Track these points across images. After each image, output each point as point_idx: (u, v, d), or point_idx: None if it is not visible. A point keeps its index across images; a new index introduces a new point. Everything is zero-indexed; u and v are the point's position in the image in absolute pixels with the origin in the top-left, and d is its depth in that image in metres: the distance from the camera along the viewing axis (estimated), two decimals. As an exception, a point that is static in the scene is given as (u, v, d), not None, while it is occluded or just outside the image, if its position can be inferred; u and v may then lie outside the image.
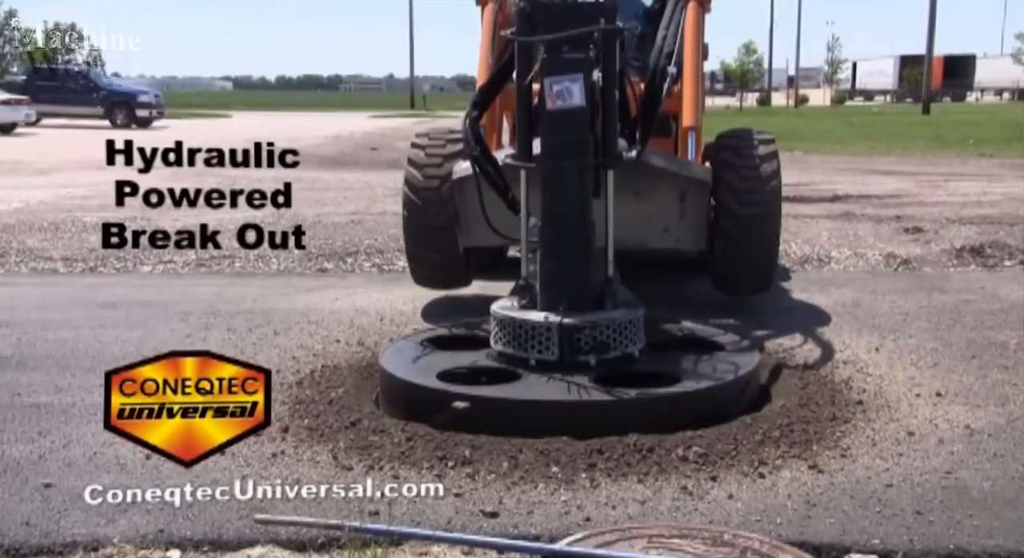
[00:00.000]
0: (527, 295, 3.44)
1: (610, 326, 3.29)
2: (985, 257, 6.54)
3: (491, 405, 3.01)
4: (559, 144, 3.36)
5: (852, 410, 3.23)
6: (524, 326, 3.30)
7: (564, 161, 3.35)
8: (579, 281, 3.39)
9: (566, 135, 3.34)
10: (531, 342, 3.28)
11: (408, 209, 4.48)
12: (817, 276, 5.97)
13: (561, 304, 3.31)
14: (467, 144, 3.67)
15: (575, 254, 3.38)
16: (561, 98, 3.27)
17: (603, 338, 3.28)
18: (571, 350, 3.25)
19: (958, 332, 4.38)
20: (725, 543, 2.26)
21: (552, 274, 3.39)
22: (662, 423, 2.93)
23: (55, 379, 3.66)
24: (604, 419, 2.97)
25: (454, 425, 2.92)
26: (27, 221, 8.53)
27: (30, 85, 29.08)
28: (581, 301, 3.34)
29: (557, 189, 3.40)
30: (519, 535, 2.36)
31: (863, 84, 71.34)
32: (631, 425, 2.91)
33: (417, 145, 4.52)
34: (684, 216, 4.23)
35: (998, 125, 24.54)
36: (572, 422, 2.93)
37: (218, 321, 4.64)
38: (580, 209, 3.39)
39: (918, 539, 2.33)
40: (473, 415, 2.93)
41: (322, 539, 2.32)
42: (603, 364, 3.25)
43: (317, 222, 8.55)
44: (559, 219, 3.39)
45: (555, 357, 3.25)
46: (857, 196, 10.44)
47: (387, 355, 3.50)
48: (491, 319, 3.43)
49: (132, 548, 2.32)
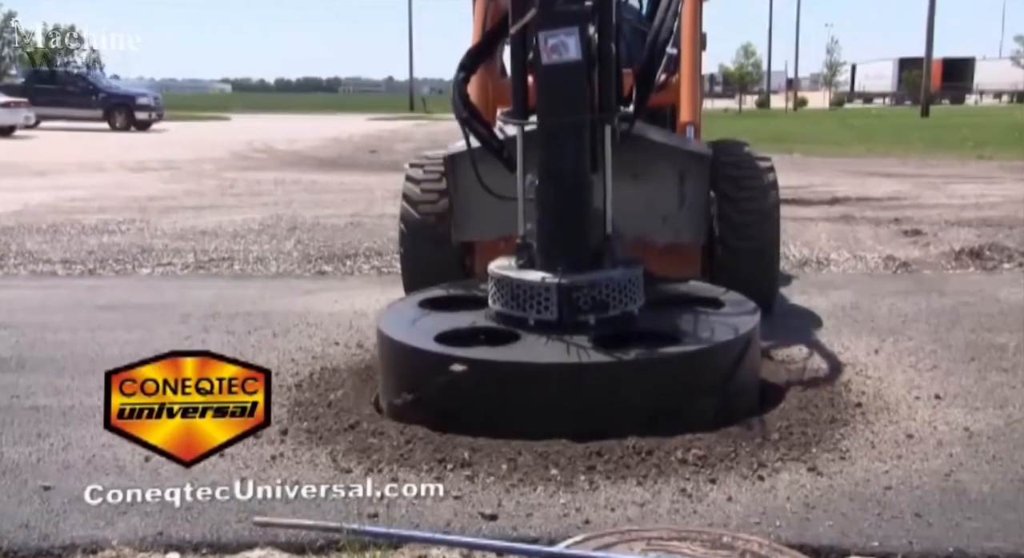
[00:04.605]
0: (525, 254, 3.38)
1: (609, 285, 3.24)
2: (984, 260, 6.54)
3: (489, 368, 2.98)
4: (555, 100, 3.27)
5: (851, 412, 3.23)
6: (522, 286, 3.25)
7: (560, 117, 3.26)
8: (577, 240, 3.32)
9: (562, 90, 3.25)
10: (530, 302, 3.23)
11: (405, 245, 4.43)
12: (816, 278, 5.97)
13: (559, 263, 3.25)
14: (455, 106, 3.59)
15: (573, 212, 3.31)
16: (556, 52, 3.18)
17: (602, 297, 3.22)
18: (570, 310, 3.19)
19: (957, 334, 4.38)
20: (724, 545, 2.25)
21: (550, 233, 3.32)
22: (664, 383, 2.95)
23: (54, 381, 3.66)
24: (604, 380, 2.96)
25: (453, 388, 2.91)
26: (26, 223, 8.54)
27: (29, 87, 29.12)
28: (579, 260, 3.28)
29: (554, 146, 3.32)
30: (518, 537, 2.36)
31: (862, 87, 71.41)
32: (631, 386, 2.92)
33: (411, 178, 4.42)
34: (684, 203, 4.09)
35: (997, 128, 24.56)
36: (572, 384, 2.94)
37: (217, 323, 4.64)
38: (577, 166, 3.31)
39: (917, 541, 2.33)
40: (472, 378, 2.91)
41: (321, 541, 2.32)
42: (603, 323, 3.20)
43: (316, 224, 8.56)
44: (556, 177, 3.31)
45: (554, 317, 3.20)
46: (856, 198, 10.45)
47: (385, 317, 3.47)
48: (489, 278, 3.38)
49: (131, 550, 2.32)
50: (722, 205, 4.20)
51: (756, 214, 4.22)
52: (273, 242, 7.58)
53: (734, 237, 4.18)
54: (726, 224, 4.19)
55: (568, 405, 2.93)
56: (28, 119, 25.87)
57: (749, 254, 4.18)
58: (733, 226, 4.18)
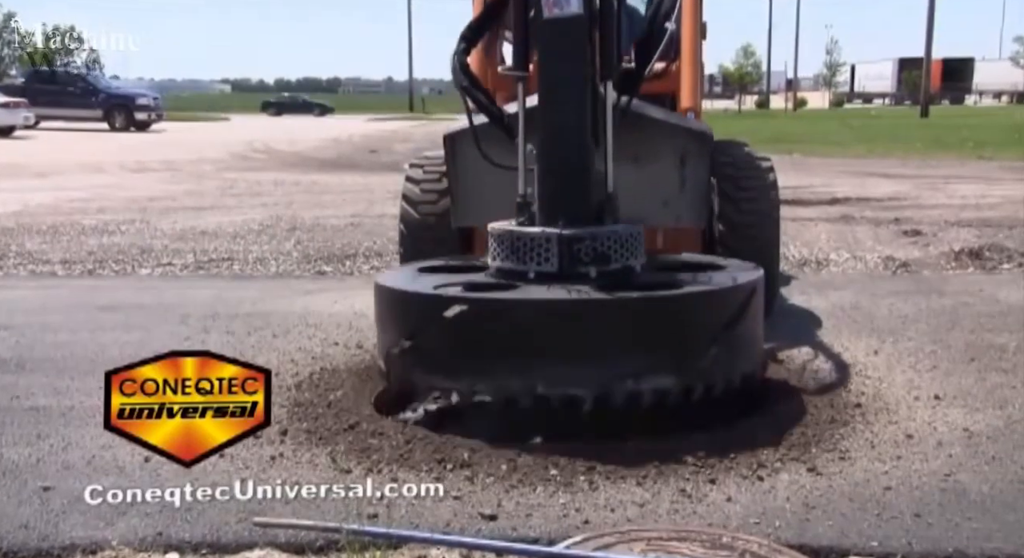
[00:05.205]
0: (525, 212, 3.34)
1: (611, 237, 3.20)
2: (984, 260, 6.55)
3: (488, 306, 2.96)
4: (557, 54, 3.23)
5: (851, 413, 3.23)
6: (523, 238, 3.21)
7: (562, 72, 3.23)
8: (578, 196, 3.28)
9: (564, 45, 3.22)
10: (530, 254, 3.19)
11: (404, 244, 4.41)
12: (816, 279, 5.98)
13: (560, 220, 3.22)
14: (455, 75, 3.54)
15: (574, 170, 3.28)
16: (558, 6, 3.15)
17: (604, 249, 3.19)
18: (571, 261, 3.15)
19: (957, 335, 4.38)
20: (724, 546, 2.25)
21: (551, 190, 3.29)
22: (670, 322, 2.95)
23: (54, 382, 3.66)
24: (605, 318, 2.95)
25: (453, 330, 2.88)
26: (26, 224, 8.54)
27: (29, 88, 29.13)
28: (580, 217, 3.24)
29: (554, 101, 3.27)
30: (518, 538, 2.35)
31: (862, 87, 71.52)
32: (635, 324, 2.91)
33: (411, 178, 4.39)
34: (684, 186, 4.04)
35: (997, 128, 24.59)
36: (573, 321, 2.92)
37: (217, 324, 4.64)
38: (578, 123, 3.27)
39: (917, 542, 2.33)
40: (471, 318, 2.88)
41: (320, 542, 2.32)
42: (604, 276, 3.16)
43: (316, 225, 8.56)
44: (557, 133, 3.28)
45: (555, 268, 3.16)
46: (856, 199, 10.46)
47: (383, 276, 3.47)
48: (488, 236, 3.35)
49: (131, 551, 2.32)
50: (722, 205, 4.19)
51: (756, 214, 4.21)
52: (273, 243, 7.58)
53: (734, 237, 4.17)
54: (726, 224, 4.19)
55: (568, 343, 2.90)
56: (28, 119, 25.89)
57: (749, 254, 4.17)
58: (733, 226, 4.17)
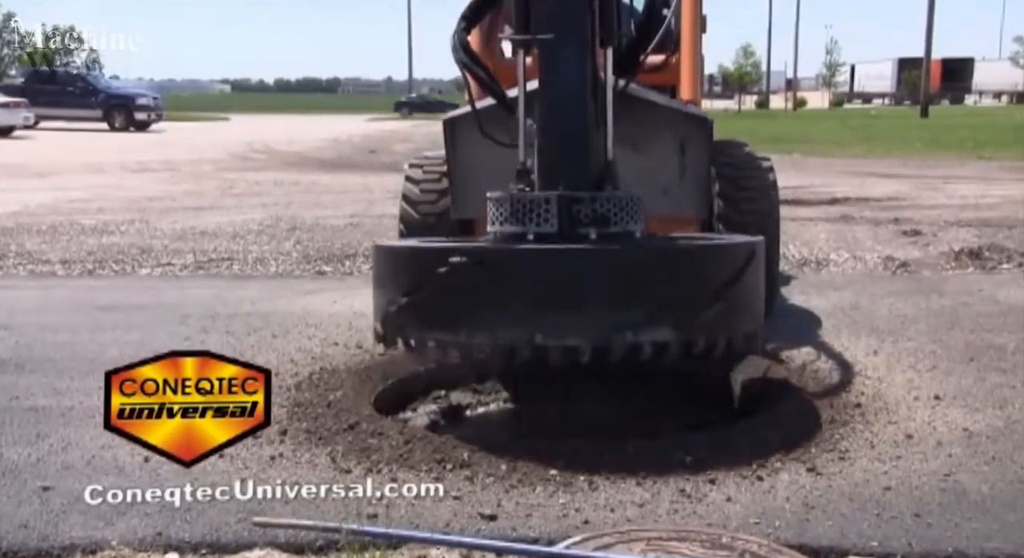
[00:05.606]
0: (525, 179, 3.31)
1: (611, 200, 3.18)
2: (983, 260, 6.55)
3: (488, 255, 2.95)
4: (555, 17, 3.19)
5: (850, 413, 3.23)
6: (521, 201, 3.18)
7: (560, 36, 3.18)
8: (578, 163, 3.25)
9: (562, 7, 3.18)
10: (529, 216, 3.16)
11: None
12: (815, 279, 5.98)
13: (559, 185, 3.19)
14: (455, 51, 3.49)
15: (574, 135, 3.25)
16: None
17: (604, 211, 3.15)
18: (570, 222, 3.12)
19: (956, 335, 4.38)
20: (724, 546, 2.25)
21: (550, 156, 3.26)
22: (671, 275, 2.95)
23: (53, 382, 3.66)
24: (605, 268, 2.94)
25: (451, 285, 2.85)
26: (25, 224, 8.54)
27: (29, 88, 29.14)
28: (580, 181, 3.21)
29: (553, 66, 3.25)
30: (517, 538, 2.35)
31: (861, 87, 71.54)
32: (634, 275, 2.91)
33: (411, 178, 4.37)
34: (684, 174, 4.04)
35: (996, 128, 24.60)
36: (574, 270, 2.91)
37: (216, 324, 4.64)
38: (578, 88, 3.24)
39: (916, 542, 2.33)
40: (468, 270, 2.85)
41: (320, 542, 2.32)
42: (604, 238, 3.13)
43: (316, 225, 8.56)
44: (556, 97, 3.25)
45: (554, 229, 3.13)
46: (855, 199, 10.47)
47: (380, 242, 3.50)
48: (487, 203, 3.31)
49: (130, 551, 2.32)
50: (722, 205, 4.20)
51: (756, 214, 4.21)
52: (273, 243, 7.58)
53: None
54: (726, 224, 4.19)
55: (566, 294, 2.88)
56: (27, 119, 25.90)
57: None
58: (733, 226, 4.18)
